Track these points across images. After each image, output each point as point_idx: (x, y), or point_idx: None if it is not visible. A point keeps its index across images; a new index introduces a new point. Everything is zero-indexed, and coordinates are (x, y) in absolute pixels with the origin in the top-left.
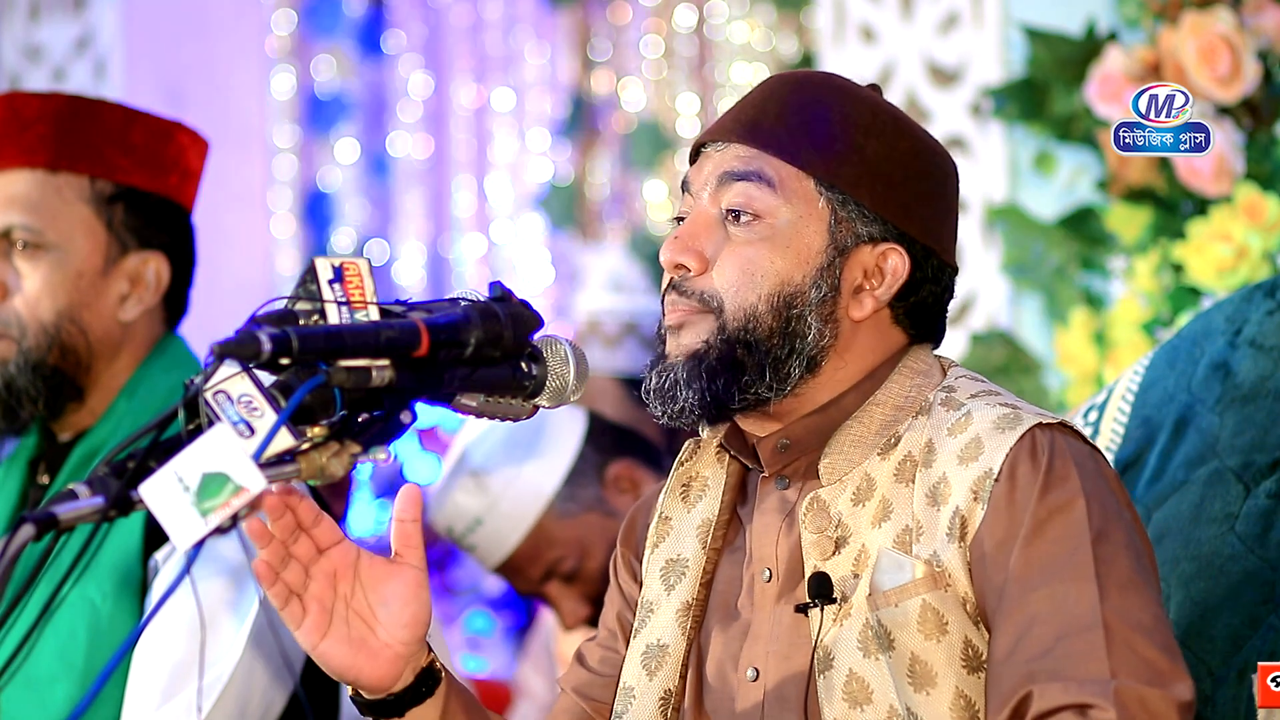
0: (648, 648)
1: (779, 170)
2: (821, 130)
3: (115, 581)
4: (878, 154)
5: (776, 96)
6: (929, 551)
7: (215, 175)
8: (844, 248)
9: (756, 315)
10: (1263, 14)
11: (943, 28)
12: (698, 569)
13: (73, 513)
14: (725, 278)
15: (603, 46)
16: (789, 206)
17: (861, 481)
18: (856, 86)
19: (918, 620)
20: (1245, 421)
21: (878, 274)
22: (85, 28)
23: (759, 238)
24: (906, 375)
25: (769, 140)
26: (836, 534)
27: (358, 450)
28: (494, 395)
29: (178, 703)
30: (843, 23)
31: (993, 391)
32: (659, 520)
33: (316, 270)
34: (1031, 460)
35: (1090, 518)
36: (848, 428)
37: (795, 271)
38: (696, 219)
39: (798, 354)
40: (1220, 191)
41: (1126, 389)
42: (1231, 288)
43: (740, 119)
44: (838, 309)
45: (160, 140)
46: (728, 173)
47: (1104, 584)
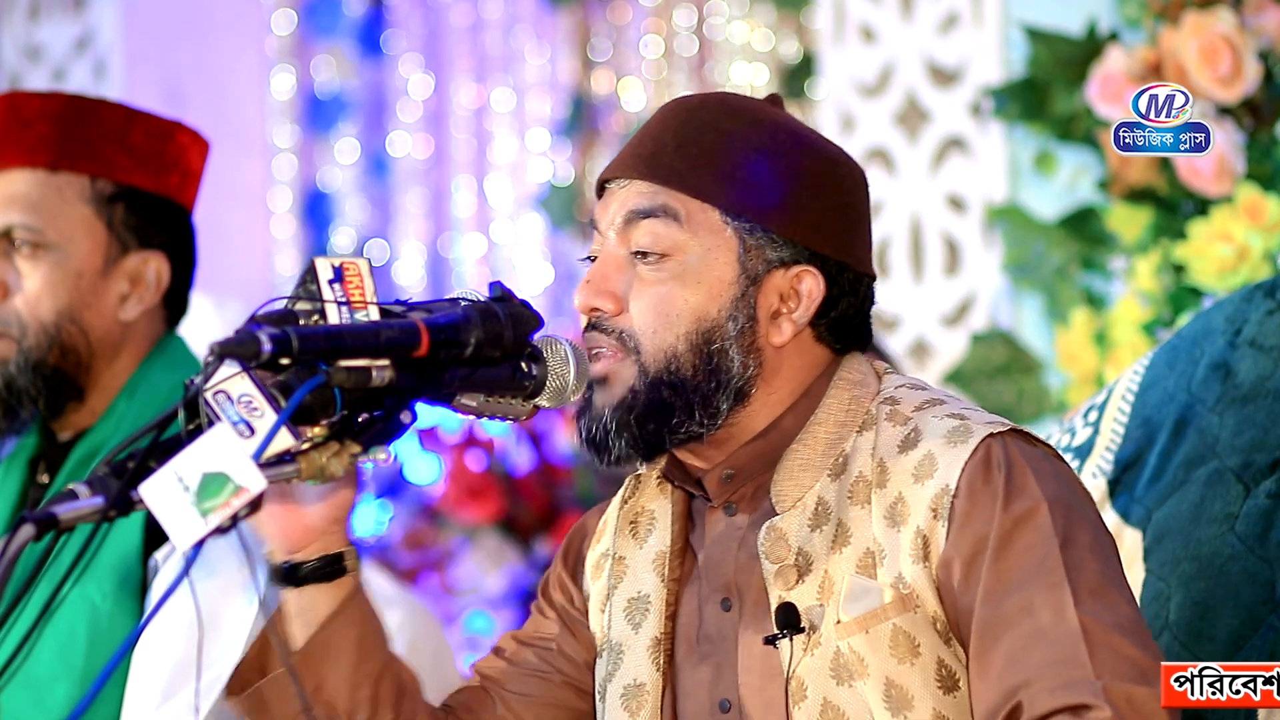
0: (625, 689)
1: (683, 204)
2: (722, 159)
3: (115, 581)
4: (780, 176)
5: (674, 127)
6: (894, 574)
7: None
8: (756, 276)
9: (676, 355)
10: (1264, 14)
11: (943, 28)
12: (660, 603)
13: (73, 513)
14: (641, 320)
15: (603, 46)
16: (697, 240)
17: (817, 506)
18: (754, 105)
19: (890, 644)
20: (1245, 421)
21: (794, 297)
22: (85, 28)
23: (670, 275)
24: (843, 388)
25: (669, 174)
26: (798, 562)
27: (358, 450)
28: (494, 395)
29: (177, 702)
30: (843, 23)
31: (937, 400)
32: (614, 560)
33: (316, 270)
34: (987, 473)
35: (1054, 523)
36: (793, 451)
37: (710, 306)
38: (606, 260)
39: (723, 388)
40: (1221, 192)
41: (1126, 389)
42: (1232, 288)
43: (640, 153)
44: (758, 338)
45: (161, 140)
46: (633, 211)
47: (1076, 588)
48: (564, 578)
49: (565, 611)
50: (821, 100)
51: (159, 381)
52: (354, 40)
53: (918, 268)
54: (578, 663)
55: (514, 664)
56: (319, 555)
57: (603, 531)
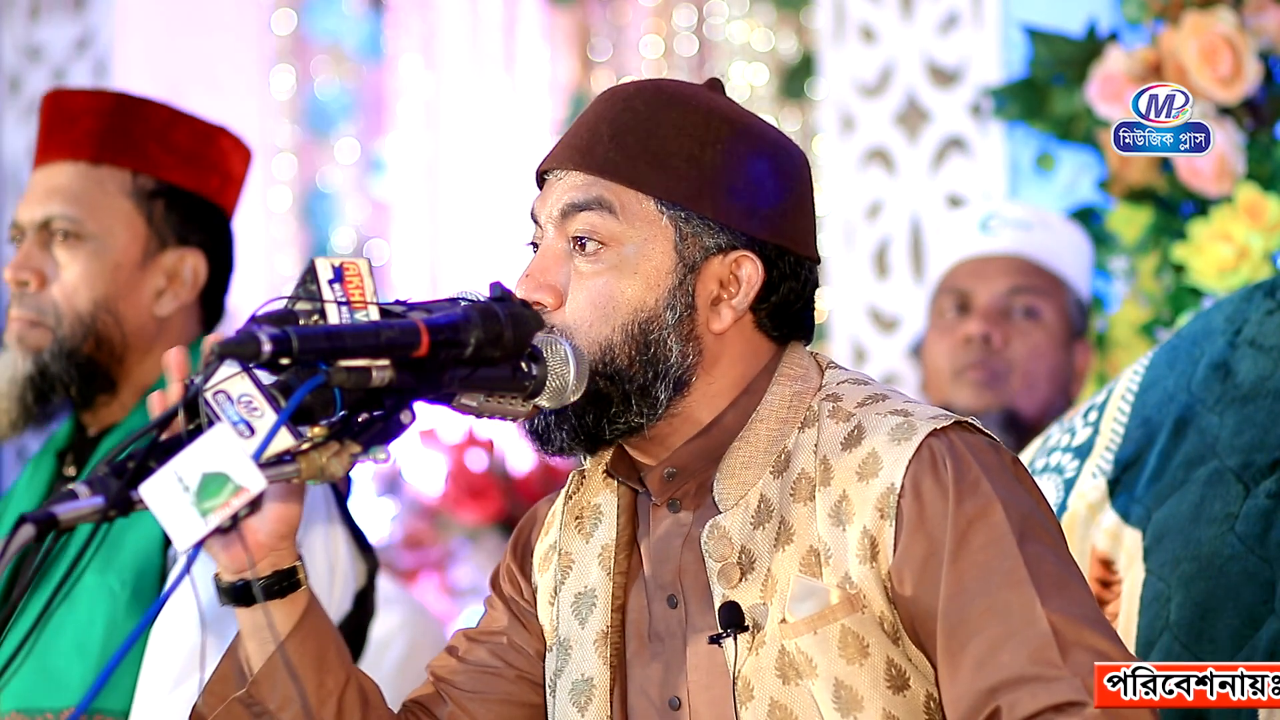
0: (574, 685)
1: (618, 195)
2: (655, 147)
3: (135, 571)
4: (715, 163)
5: (608, 117)
6: (840, 574)
7: None
8: (693, 264)
9: (612, 346)
10: (1264, 14)
11: (943, 28)
12: (606, 596)
13: (72, 513)
14: (578, 313)
15: (603, 46)
16: (633, 230)
17: (759, 503)
18: (690, 92)
19: (838, 645)
20: (1245, 421)
21: (733, 282)
22: (85, 28)
23: (607, 267)
24: (784, 383)
25: (604, 165)
26: (740, 560)
27: (358, 450)
28: (494, 395)
29: (186, 689)
30: (843, 23)
31: (880, 396)
32: (560, 555)
33: (316, 270)
34: (934, 471)
35: (1009, 519)
36: (735, 449)
37: (647, 296)
38: (545, 253)
39: (661, 378)
40: (1221, 192)
41: (1126, 389)
42: (1232, 288)
43: (575, 144)
44: (696, 326)
45: (203, 142)
46: (568, 204)
47: (1040, 584)
48: (513, 569)
49: (514, 603)
50: (821, 100)
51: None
52: (354, 40)
53: (918, 268)
54: (528, 654)
55: (465, 661)
56: (270, 571)
57: (551, 523)
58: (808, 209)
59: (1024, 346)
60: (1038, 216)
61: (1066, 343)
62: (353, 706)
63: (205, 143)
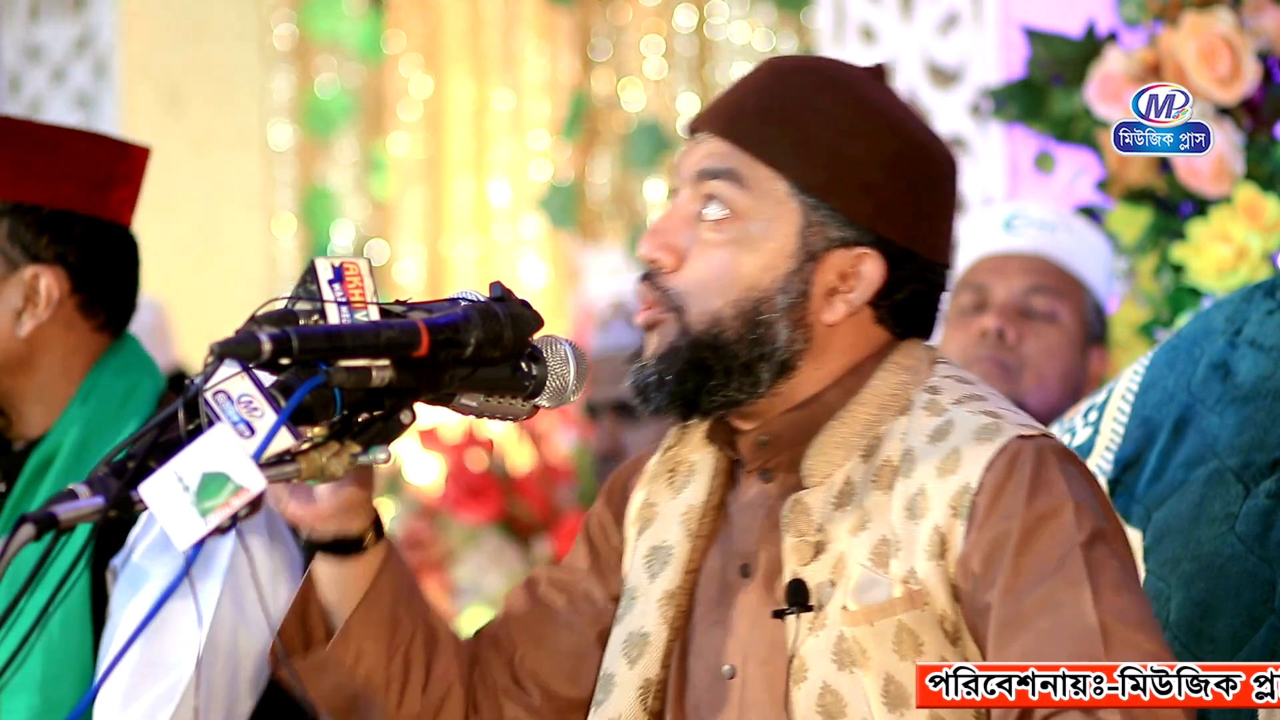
0: (629, 635)
1: (752, 170)
2: (800, 130)
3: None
4: (856, 157)
5: (763, 88)
6: (906, 568)
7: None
8: (815, 252)
9: (721, 320)
10: (1263, 14)
11: (943, 28)
12: (682, 556)
13: (73, 513)
14: (694, 279)
15: (603, 46)
16: (761, 208)
17: (843, 485)
18: (849, 78)
19: (893, 640)
20: (1245, 421)
21: (853, 276)
22: (85, 28)
23: (729, 239)
24: (893, 371)
25: (746, 137)
26: (817, 538)
27: (358, 450)
28: (494, 395)
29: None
30: (843, 23)
31: (978, 396)
32: (644, 505)
33: (316, 270)
34: (1012, 471)
35: (1079, 523)
36: (831, 428)
37: (763, 276)
38: (674, 213)
39: (766, 359)
40: (1220, 192)
41: (1126, 389)
42: (1231, 288)
43: (722, 110)
44: (808, 313)
45: (48, 151)
46: (703, 170)
47: (1097, 585)
48: (605, 515)
49: (598, 550)
50: None
51: (110, 385)
52: (354, 40)
53: None
54: (599, 606)
55: (538, 603)
56: (334, 537)
57: (646, 476)
58: (946, 213)
59: (1038, 345)
60: (1062, 218)
61: (1082, 346)
62: (419, 655)
63: (52, 151)
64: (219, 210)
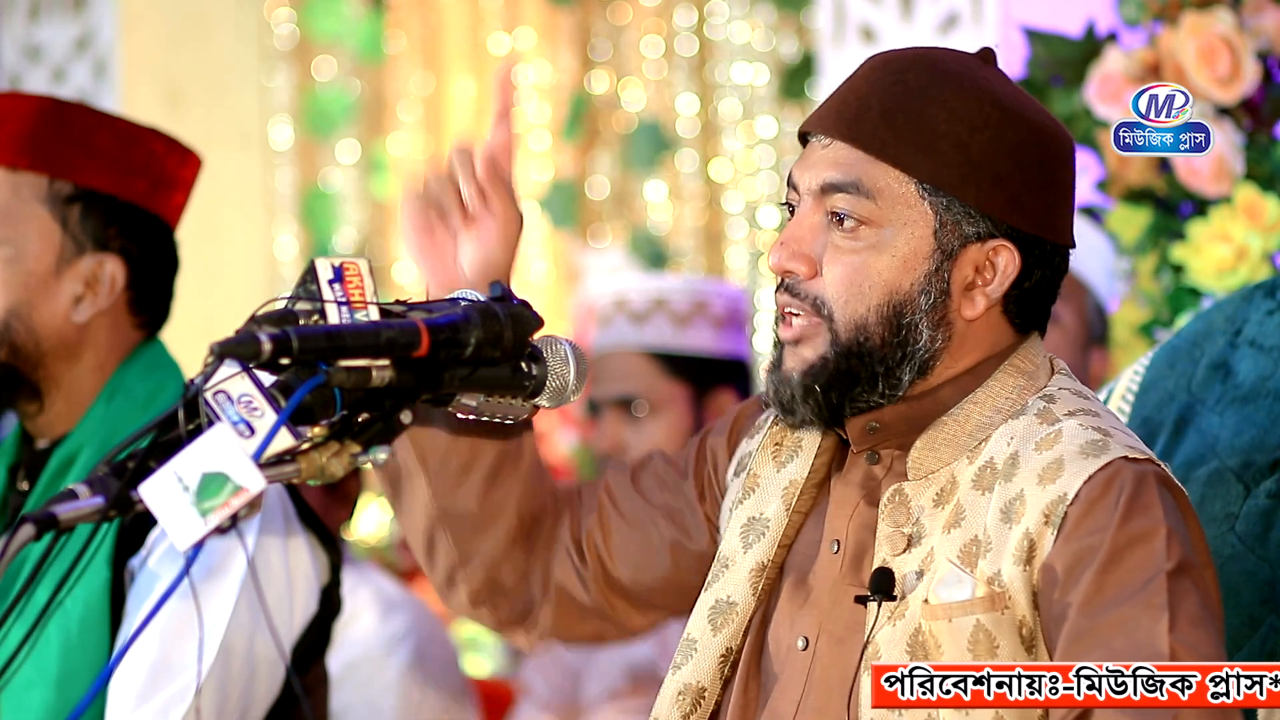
0: (716, 602)
1: (881, 176)
2: (924, 129)
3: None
4: (983, 150)
5: (880, 89)
6: (993, 570)
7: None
8: (951, 250)
9: (867, 326)
10: (1263, 14)
11: (943, 28)
12: (778, 531)
13: (73, 513)
14: (834, 287)
15: (603, 46)
16: (892, 213)
17: (946, 483)
18: (964, 69)
19: (969, 639)
20: (1245, 421)
21: (989, 268)
22: (85, 28)
23: (864, 246)
24: (1011, 374)
25: (871, 141)
26: (911, 530)
27: (358, 450)
28: (494, 395)
29: (152, 705)
30: (843, 23)
31: (1092, 412)
32: (748, 475)
33: (316, 270)
34: (1109, 488)
35: (1169, 549)
36: (943, 424)
37: (903, 279)
38: (801, 221)
39: (909, 359)
40: (1220, 192)
41: (1126, 389)
42: (1231, 288)
43: (843, 112)
44: (949, 311)
45: (130, 145)
46: (828, 183)
47: (1175, 614)
48: (720, 451)
49: (704, 479)
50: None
51: (136, 386)
52: (354, 40)
53: None
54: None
55: (640, 492)
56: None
57: (759, 430)
58: (1068, 196)
59: None
60: None
61: (1083, 347)
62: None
63: (132, 146)
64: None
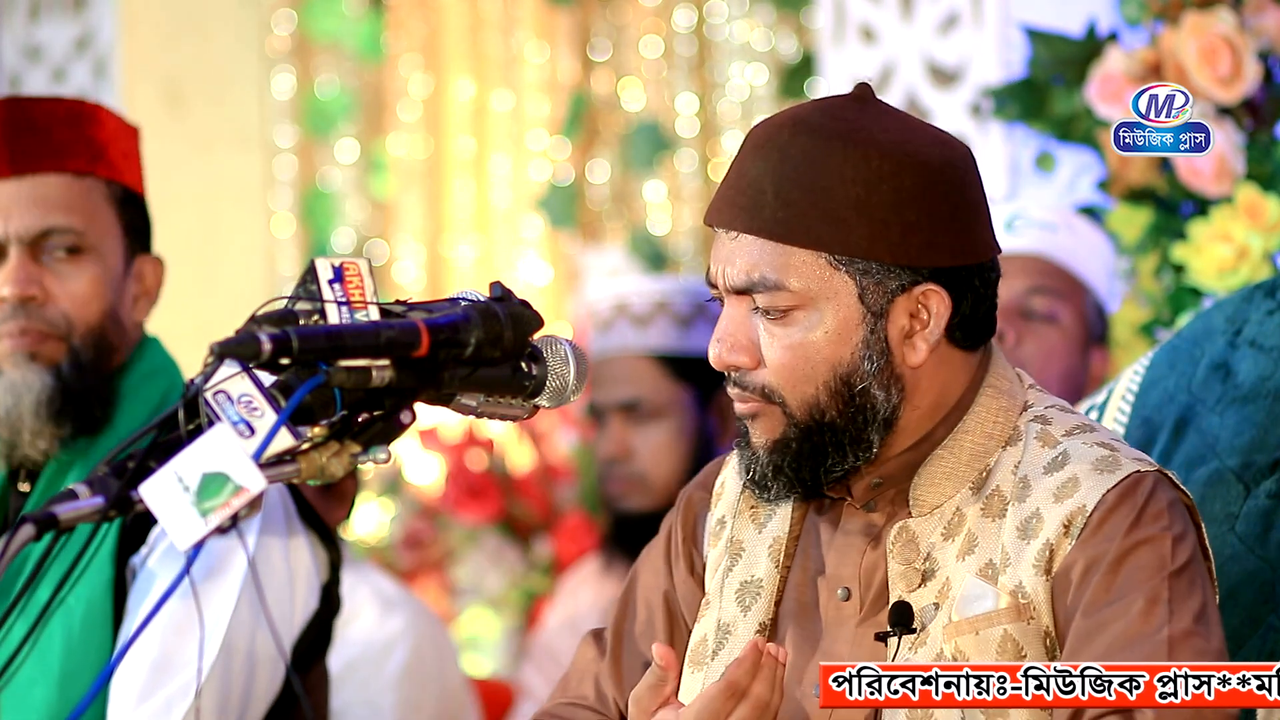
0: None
1: (793, 260)
2: (822, 200)
3: (90, 586)
4: (884, 205)
5: (770, 169)
6: (1015, 582)
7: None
8: (880, 310)
9: (820, 405)
10: (1264, 14)
11: (943, 28)
12: (772, 588)
13: (73, 512)
14: (778, 375)
15: (603, 46)
16: (815, 291)
17: (953, 516)
18: (846, 124)
19: (997, 650)
20: (1245, 422)
21: (922, 313)
22: (85, 28)
23: (797, 329)
24: (991, 396)
25: (774, 229)
26: (924, 566)
27: (358, 450)
28: (494, 395)
29: (154, 702)
30: (843, 23)
31: (1087, 427)
32: (729, 543)
33: (316, 270)
34: (1125, 500)
35: (1173, 554)
36: (937, 458)
37: (842, 351)
38: (731, 317)
39: (871, 423)
40: (1221, 192)
41: (1126, 389)
42: (1232, 288)
43: (740, 203)
44: (894, 365)
45: (129, 138)
46: (739, 286)
47: (1175, 609)
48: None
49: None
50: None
51: (140, 390)
52: (354, 40)
53: None
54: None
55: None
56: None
57: (719, 496)
58: (980, 209)
59: (1037, 347)
60: (1063, 219)
61: (1083, 347)
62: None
63: (130, 138)
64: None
